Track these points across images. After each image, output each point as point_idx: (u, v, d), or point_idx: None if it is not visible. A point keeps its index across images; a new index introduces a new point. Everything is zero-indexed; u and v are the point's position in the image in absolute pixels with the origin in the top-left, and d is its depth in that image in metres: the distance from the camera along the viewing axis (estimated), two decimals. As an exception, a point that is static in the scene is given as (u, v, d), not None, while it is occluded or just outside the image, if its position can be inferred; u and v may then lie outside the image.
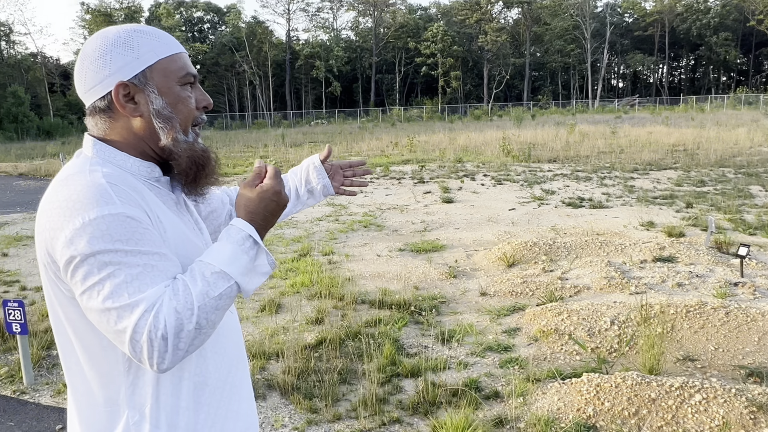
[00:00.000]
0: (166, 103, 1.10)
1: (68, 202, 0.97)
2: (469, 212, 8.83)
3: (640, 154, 15.36)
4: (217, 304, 0.99)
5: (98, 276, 0.95)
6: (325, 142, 25.00)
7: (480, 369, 3.63)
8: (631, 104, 54.85)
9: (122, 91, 1.07)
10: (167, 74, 1.10)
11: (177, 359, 0.96)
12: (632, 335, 3.78)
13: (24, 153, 25.25)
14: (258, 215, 1.10)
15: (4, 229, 8.96)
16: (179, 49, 1.14)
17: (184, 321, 0.95)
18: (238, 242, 1.04)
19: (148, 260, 0.97)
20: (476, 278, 5.51)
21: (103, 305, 0.94)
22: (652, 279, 5.10)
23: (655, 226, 7.37)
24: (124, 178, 1.05)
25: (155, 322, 0.93)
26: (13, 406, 3.40)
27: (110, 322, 0.95)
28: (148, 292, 0.95)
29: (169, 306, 0.94)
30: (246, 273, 1.04)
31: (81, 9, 62.74)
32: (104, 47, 1.07)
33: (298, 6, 67.61)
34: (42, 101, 52.66)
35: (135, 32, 1.09)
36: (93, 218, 0.95)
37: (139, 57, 1.08)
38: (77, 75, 1.10)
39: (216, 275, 1.00)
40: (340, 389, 3.41)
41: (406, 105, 64.27)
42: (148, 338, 0.92)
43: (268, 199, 1.10)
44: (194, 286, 0.98)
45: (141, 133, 1.10)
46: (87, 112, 1.12)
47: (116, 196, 0.98)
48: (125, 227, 0.97)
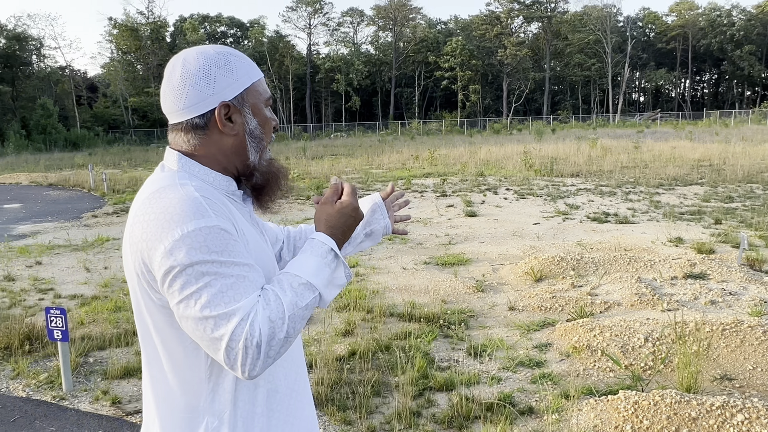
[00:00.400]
0: (258, 123, 1.17)
1: (165, 215, 1.02)
2: (493, 226, 8.81)
3: (665, 169, 15.19)
4: (303, 313, 1.05)
5: (196, 286, 0.99)
6: (346, 155, 25.18)
7: (512, 384, 3.62)
8: (653, 119, 54.33)
9: (224, 110, 1.12)
10: (257, 96, 1.17)
11: (266, 366, 1.00)
12: (667, 353, 3.74)
13: (52, 164, 25.84)
14: (338, 229, 1.16)
15: (36, 237, 9.18)
16: (262, 73, 1.21)
17: (276, 330, 1.00)
18: (321, 255, 1.10)
19: (240, 271, 1.02)
20: (504, 292, 5.49)
21: (200, 314, 0.99)
22: (683, 296, 5.04)
23: (683, 242, 7.28)
24: (212, 191, 1.10)
25: (251, 330, 0.97)
26: (54, 412, 3.47)
27: (207, 330, 0.99)
28: (242, 301, 1.00)
29: (263, 315, 0.99)
30: (327, 284, 1.10)
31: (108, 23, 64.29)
32: (207, 67, 1.11)
33: (319, 21, 68.39)
34: (69, 113, 53.96)
35: (231, 55, 1.15)
36: (191, 230, 1.00)
37: (238, 79, 1.14)
38: (174, 91, 1.12)
39: (303, 286, 1.06)
40: (372, 401, 3.42)
41: (425, 118, 64.49)
42: (244, 346, 0.97)
43: (347, 214, 1.17)
44: (284, 296, 1.03)
45: (230, 150, 1.16)
46: (179, 127, 1.15)
47: (210, 209, 1.03)
48: (220, 239, 1.02)
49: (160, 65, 59.74)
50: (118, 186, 15.77)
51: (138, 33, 58.87)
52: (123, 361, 4.03)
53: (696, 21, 66.53)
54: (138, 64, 61.43)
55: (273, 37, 64.09)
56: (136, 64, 61.45)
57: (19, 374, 3.97)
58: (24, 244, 8.60)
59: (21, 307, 5.49)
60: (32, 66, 54.29)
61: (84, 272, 6.79)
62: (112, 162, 26.19)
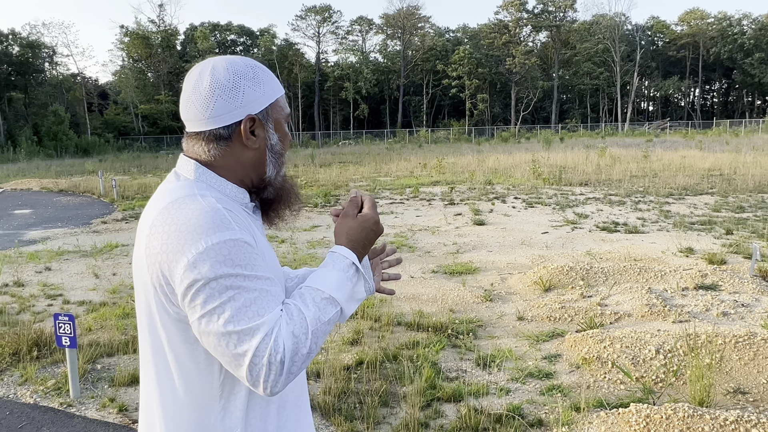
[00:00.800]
0: (279, 138, 1.17)
1: (188, 226, 0.99)
2: (502, 235, 8.77)
3: (675, 178, 15.09)
4: (326, 329, 1.03)
5: (219, 300, 0.97)
6: (354, 163, 25.23)
7: (521, 395, 3.58)
8: (662, 128, 54.10)
9: (249, 124, 1.11)
10: (280, 112, 1.17)
11: (288, 383, 0.99)
12: (679, 365, 3.69)
13: (63, 170, 26.07)
14: (359, 243, 1.14)
15: (46, 243, 9.24)
16: (283, 89, 1.22)
17: (299, 345, 0.98)
18: (343, 269, 1.09)
19: (263, 285, 1.01)
20: (512, 302, 5.45)
21: (224, 329, 0.96)
22: (695, 307, 4.98)
23: (694, 252, 7.21)
24: (231, 203, 1.09)
25: (275, 346, 0.96)
26: (61, 419, 3.47)
27: (230, 346, 0.96)
28: (266, 316, 0.98)
29: (287, 330, 0.98)
30: (348, 299, 1.09)
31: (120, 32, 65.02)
32: (236, 79, 1.10)
33: (328, 29, 68.83)
34: (80, 120, 54.52)
35: (259, 68, 1.14)
36: (216, 243, 0.98)
37: (265, 93, 1.13)
38: (200, 100, 1.10)
39: (326, 301, 1.04)
40: (380, 412, 3.39)
41: (433, 126, 64.57)
42: (268, 362, 0.95)
43: (368, 228, 1.15)
44: (308, 311, 1.02)
45: (249, 163, 1.14)
46: (200, 136, 1.13)
47: (234, 222, 1.02)
48: (244, 252, 1.00)
49: (171, 73, 60.34)
50: (127, 192, 15.87)
51: (149, 41, 59.50)
52: (130, 368, 4.03)
53: (706, 30, 66.34)
54: (148, 72, 62.03)
55: (282, 45, 64.55)
56: (147, 72, 62.04)
57: (27, 380, 3.98)
58: (34, 249, 8.65)
59: (30, 312, 5.51)
60: (45, 73, 54.95)
61: (93, 278, 6.81)
62: (122, 168, 26.39)
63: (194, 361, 1.07)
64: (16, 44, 52.10)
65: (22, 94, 52.18)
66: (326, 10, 67.24)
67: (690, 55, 67.98)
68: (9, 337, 4.48)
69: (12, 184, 20.16)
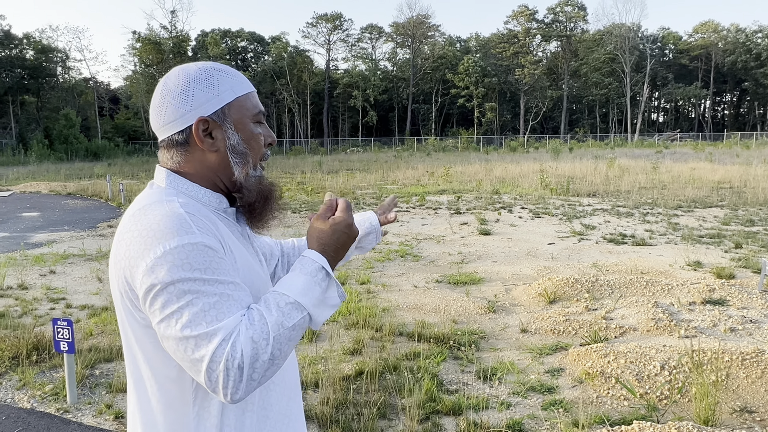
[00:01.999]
0: (241, 139, 1.13)
1: (148, 231, 0.99)
2: (507, 245, 8.70)
3: (684, 190, 14.96)
4: (290, 334, 0.99)
5: (177, 304, 0.95)
6: (361, 170, 25.24)
7: (522, 410, 3.51)
8: (672, 139, 53.79)
9: (202, 126, 1.10)
10: (243, 111, 1.14)
11: (250, 390, 0.95)
12: (684, 382, 3.61)
13: (72, 173, 26.27)
14: (330, 247, 1.10)
15: (52, 246, 9.27)
16: (252, 88, 1.18)
17: (259, 351, 0.94)
18: (311, 273, 1.05)
19: (224, 289, 0.98)
20: (516, 314, 5.38)
21: (181, 333, 0.94)
22: (702, 322, 4.89)
23: (702, 266, 7.11)
24: (199, 208, 1.08)
25: (232, 351, 0.93)
26: (57, 425, 3.44)
27: (187, 351, 0.94)
28: (225, 321, 0.95)
29: (246, 335, 0.94)
30: (318, 304, 1.04)
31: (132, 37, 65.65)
32: (186, 83, 1.10)
33: (338, 37, 69.21)
34: (91, 124, 55.03)
35: (215, 70, 1.13)
36: (173, 247, 0.96)
37: (219, 94, 1.11)
38: (156, 108, 1.13)
39: (290, 306, 1.00)
40: (378, 424, 3.34)
41: (441, 135, 64.59)
42: (225, 367, 0.92)
43: (340, 231, 1.11)
44: (269, 315, 0.98)
45: (215, 166, 1.13)
46: (162, 144, 1.15)
47: (195, 226, 1.00)
48: (204, 256, 0.98)
49: (181, 78, 60.70)
50: (134, 196, 15.91)
51: (161, 47, 60.03)
52: (128, 375, 4.00)
53: (718, 41, 66.07)
54: (159, 77, 62.37)
55: (292, 52, 64.91)
56: (158, 77, 62.51)
57: (25, 385, 3.96)
58: (39, 252, 8.68)
59: (32, 316, 5.51)
60: (57, 77, 55.55)
61: (96, 282, 6.82)
62: (130, 173, 26.56)
63: (167, 367, 1.05)
64: (31, 48, 52.74)
65: (35, 98, 52.75)
66: (337, 18, 67.66)
67: (701, 66, 67.68)
68: (9, 341, 4.47)
69: (21, 187, 20.33)
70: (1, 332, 4.86)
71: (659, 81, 67.94)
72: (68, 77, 57.33)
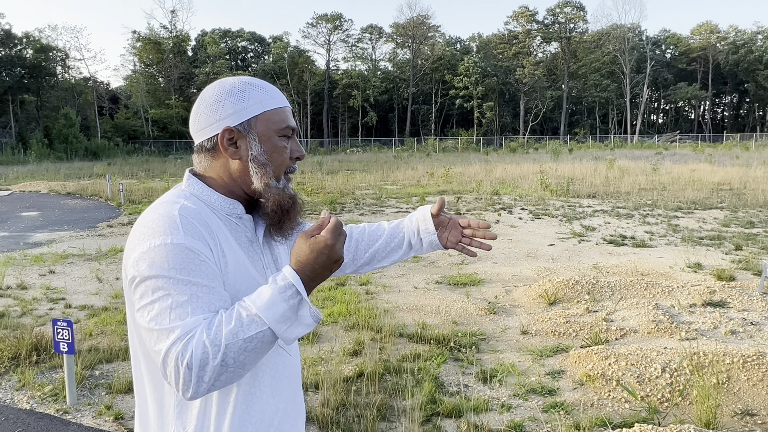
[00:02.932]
0: (264, 150, 1.19)
1: (144, 228, 1.08)
2: (507, 246, 8.70)
3: (684, 192, 14.97)
4: (246, 346, 1.01)
5: (150, 297, 1.03)
6: (361, 170, 25.23)
7: (523, 412, 3.51)
8: (672, 140, 53.83)
9: (227, 135, 1.18)
10: (269, 125, 1.20)
11: (202, 390, 1.00)
12: (685, 385, 3.61)
13: (72, 173, 26.25)
14: (306, 267, 1.08)
15: (51, 246, 9.26)
16: (284, 103, 1.23)
17: (209, 356, 0.99)
18: (279, 289, 1.05)
19: (196, 291, 1.04)
20: (516, 315, 5.38)
21: (148, 325, 1.03)
22: (702, 325, 4.89)
23: (702, 268, 7.11)
24: (200, 211, 1.14)
25: (183, 350, 0.99)
26: (56, 426, 3.43)
27: (151, 342, 1.03)
28: (186, 320, 1.01)
29: (200, 338, 0.99)
30: (283, 321, 1.04)
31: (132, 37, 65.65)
32: (220, 95, 1.18)
33: (338, 37, 69.20)
34: (91, 123, 54.98)
35: (248, 85, 1.20)
36: (157, 245, 1.05)
37: (248, 107, 1.18)
38: (193, 116, 1.22)
39: (250, 318, 1.02)
40: (379, 426, 3.33)
41: (441, 135, 64.59)
42: (175, 364, 0.99)
43: (318, 251, 1.08)
44: (228, 324, 1.01)
45: (236, 174, 1.20)
46: (195, 149, 1.24)
47: (183, 228, 1.07)
48: (182, 257, 1.04)
49: (181, 78, 60.83)
50: (134, 196, 15.93)
51: (160, 46, 60.01)
52: (128, 376, 3.99)
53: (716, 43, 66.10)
54: (159, 77, 62.51)
55: (293, 52, 64.91)
56: (158, 77, 62.55)
57: (25, 385, 3.95)
58: (39, 252, 8.67)
59: (31, 316, 5.50)
60: (57, 77, 55.50)
61: (96, 282, 6.81)
62: (130, 172, 26.53)
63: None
64: (30, 48, 52.69)
65: (35, 97, 52.69)
66: (337, 18, 67.63)
67: (701, 68, 67.73)
68: (9, 341, 4.46)
69: (21, 186, 20.31)
70: (0, 332, 4.85)
71: (659, 82, 67.97)
72: (68, 76, 57.28)
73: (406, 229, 1.53)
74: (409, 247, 1.53)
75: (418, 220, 1.51)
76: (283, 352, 1.25)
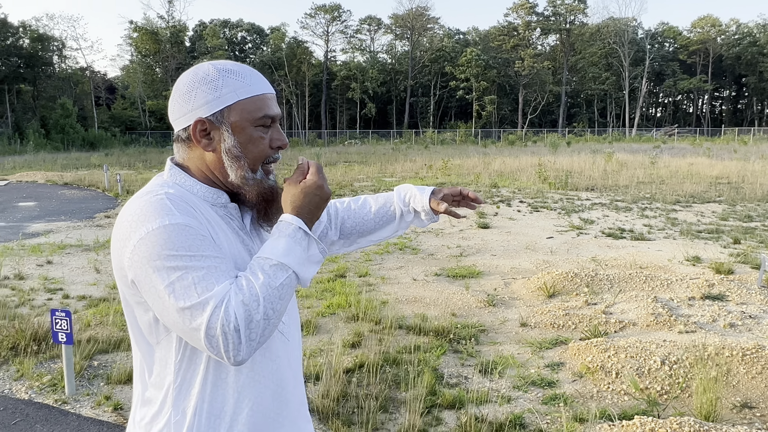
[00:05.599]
0: (237, 142, 1.16)
1: (133, 216, 1.06)
2: (506, 239, 8.70)
3: (682, 185, 14.98)
4: (280, 293, 1.04)
5: (168, 280, 1.01)
6: (359, 162, 25.18)
7: (523, 404, 3.51)
8: (670, 134, 53.81)
9: (200, 126, 1.15)
10: (243, 115, 1.15)
11: (251, 350, 1.01)
12: (685, 377, 3.61)
13: (69, 163, 26.13)
14: (304, 209, 1.13)
15: (49, 236, 9.22)
16: (262, 90, 1.18)
17: (252, 312, 1.00)
18: (290, 235, 1.09)
19: (210, 262, 1.03)
20: (515, 308, 5.38)
21: (177, 306, 1.00)
22: (701, 318, 4.90)
23: (701, 261, 7.12)
24: (186, 197, 1.12)
25: (226, 315, 0.98)
26: (55, 416, 3.42)
27: (185, 322, 1.00)
28: (215, 289, 1.00)
29: (237, 299, 1.00)
30: (302, 263, 1.08)
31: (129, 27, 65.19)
32: (193, 83, 1.15)
33: (336, 28, 68.81)
34: (88, 113, 54.70)
35: (223, 72, 1.15)
36: (156, 228, 1.02)
37: (220, 97, 1.14)
38: (170, 104, 1.20)
39: (274, 267, 1.05)
40: (379, 417, 3.33)
41: (439, 128, 64.46)
42: (222, 332, 0.98)
43: (312, 193, 1.14)
44: (256, 279, 1.03)
45: (212, 166, 1.18)
46: (174, 138, 1.22)
47: (175, 209, 1.06)
48: (186, 235, 1.03)
49: (179, 69, 60.40)
50: (132, 187, 15.87)
51: (158, 37, 59.61)
52: (127, 366, 3.98)
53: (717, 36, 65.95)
54: (157, 67, 62.17)
55: (291, 43, 64.57)
56: (155, 67, 62.19)
57: (23, 375, 3.94)
58: (36, 242, 8.64)
59: (29, 306, 5.48)
60: (53, 66, 55.13)
61: (94, 273, 6.78)
62: (127, 163, 26.44)
63: (156, 338, 1.13)
64: (27, 37, 52.29)
65: (31, 87, 52.35)
66: (336, 9, 67.23)
67: (700, 61, 67.61)
68: (7, 331, 4.45)
69: (18, 176, 20.22)
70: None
71: (658, 75, 67.87)
72: (65, 66, 56.93)
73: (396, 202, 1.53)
74: (400, 217, 1.53)
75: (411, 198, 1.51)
76: (282, 336, 1.24)
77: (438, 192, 1.50)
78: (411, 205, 1.51)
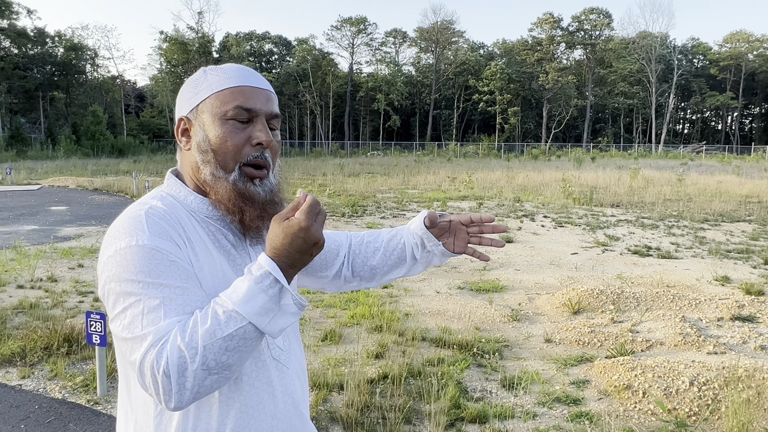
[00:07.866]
0: (206, 136, 1.08)
1: (113, 230, 1.02)
2: (530, 254, 8.65)
3: (710, 203, 14.71)
4: (227, 345, 0.92)
5: (122, 305, 0.96)
6: (382, 174, 25.28)
7: (548, 421, 3.49)
8: (698, 151, 52.90)
9: (181, 125, 1.13)
10: (214, 108, 1.09)
11: (186, 398, 0.91)
12: (714, 399, 3.55)
13: (99, 169, 26.76)
14: (282, 252, 0.97)
15: (80, 240, 9.46)
16: (241, 83, 1.09)
17: (187, 360, 0.90)
18: (256, 280, 0.95)
19: (168, 293, 0.95)
20: (540, 323, 5.35)
21: (121, 334, 0.95)
22: (731, 339, 4.81)
23: (730, 281, 6.98)
24: (172, 212, 1.06)
25: (157, 356, 0.90)
26: (87, 416, 3.51)
27: (126, 353, 0.95)
28: (159, 324, 0.93)
29: (174, 342, 0.91)
30: (265, 313, 0.94)
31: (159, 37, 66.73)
32: (183, 87, 1.15)
33: (362, 40, 69.50)
34: (117, 121, 56.06)
35: (209, 70, 1.13)
36: (122, 248, 0.98)
37: (198, 92, 1.11)
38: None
39: (227, 314, 0.93)
40: (403, 429, 3.34)
41: (462, 141, 64.41)
42: (151, 373, 0.91)
43: (292, 235, 0.96)
44: (203, 325, 0.92)
45: (193, 167, 1.12)
46: None
47: (147, 228, 0.99)
48: (150, 259, 0.96)
49: (206, 78, 61.43)
50: (159, 194, 16.15)
51: (186, 47, 60.90)
52: (156, 370, 4.06)
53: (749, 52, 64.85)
54: (185, 77, 63.30)
55: (316, 55, 65.39)
56: (183, 77, 63.43)
57: (57, 375, 4.05)
58: (68, 246, 8.86)
59: (62, 308, 5.62)
60: (86, 75, 56.71)
61: (123, 277, 6.93)
62: (155, 170, 26.95)
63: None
64: (61, 46, 53.93)
65: (64, 94, 53.90)
66: (362, 22, 67.95)
67: (731, 77, 66.50)
68: (42, 332, 4.58)
69: (50, 181, 20.77)
70: (33, 323, 4.98)
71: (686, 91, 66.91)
72: (96, 75, 58.50)
73: (407, 241, 1.39)
74: (413, 260, 1.38)
75: (422, 236, 1.36)
76: (278, 364, 1.13)
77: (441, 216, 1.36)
78: (428, 249, 1.37)
